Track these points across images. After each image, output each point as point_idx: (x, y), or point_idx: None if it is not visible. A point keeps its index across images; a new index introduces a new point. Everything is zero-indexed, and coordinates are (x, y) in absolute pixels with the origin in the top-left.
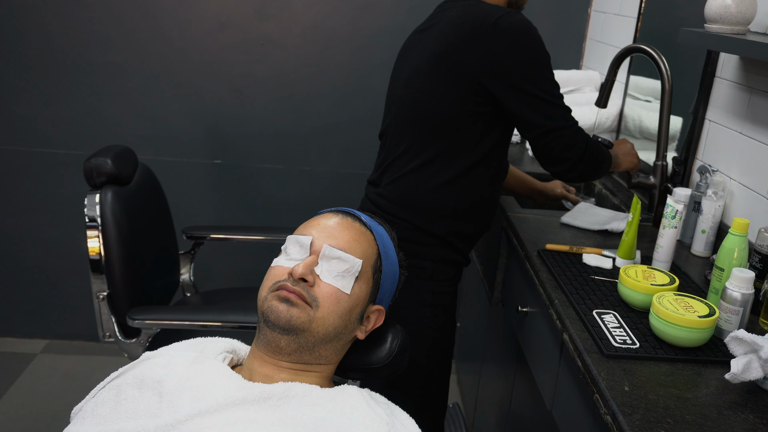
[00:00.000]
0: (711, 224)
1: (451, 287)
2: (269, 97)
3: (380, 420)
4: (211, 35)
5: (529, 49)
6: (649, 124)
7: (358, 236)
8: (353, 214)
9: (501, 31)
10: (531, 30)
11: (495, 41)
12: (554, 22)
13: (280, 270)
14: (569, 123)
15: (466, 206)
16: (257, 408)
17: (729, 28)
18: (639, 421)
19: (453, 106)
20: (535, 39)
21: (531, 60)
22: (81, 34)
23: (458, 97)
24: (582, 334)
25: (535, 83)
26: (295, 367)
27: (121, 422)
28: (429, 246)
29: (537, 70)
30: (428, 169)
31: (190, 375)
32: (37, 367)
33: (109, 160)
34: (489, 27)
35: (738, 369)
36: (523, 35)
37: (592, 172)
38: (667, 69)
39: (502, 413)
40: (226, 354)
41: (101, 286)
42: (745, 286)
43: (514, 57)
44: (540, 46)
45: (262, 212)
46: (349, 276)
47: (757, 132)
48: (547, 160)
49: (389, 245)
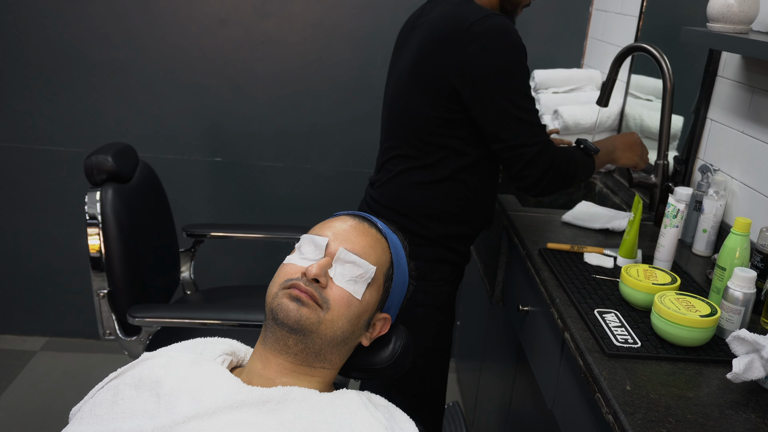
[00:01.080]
0: (712, 223)
1: (446, 286)
2: (270, 95)
3: (378, 424)
4: (212, 33)
5: (500, 58)
6: (651, 123)
7: (373, 243)
8: (370, 219)
9: (473, 37)
10: (507, 37)
11: (466, 47)
12: (555, 21)
13: (293, 268)
14: (534, 141)
15: (455, 209)
16: (255, 411)
17: (731, 27)
18: (641, 421)
19: (428, 111)
20: (510, 47)
21: (502, 69)
22: (82, 31)
23: (432, 103)
24: (583, 333)
25: (504, 94)
26: (299, 370)
27: (118, 422)
28: (419, 246)
29: (507, 81)
30: (414, 173)
31: (188, 376)
32: (37, 365)
33: (109, 157)
34: (462, 32)
35: (740, 368)
36: (496, 42)
37: (558, 187)
38: (668, 68)
39: (502, 412)
40: (226, 356)
41: (102, 283)
42: (746, 286)
43: (483, 65)
44: (514, 55)
45: (263, 210)
46: (362, 281)
47: (758, 131)
48: (508, 174)
49: (402, 254)
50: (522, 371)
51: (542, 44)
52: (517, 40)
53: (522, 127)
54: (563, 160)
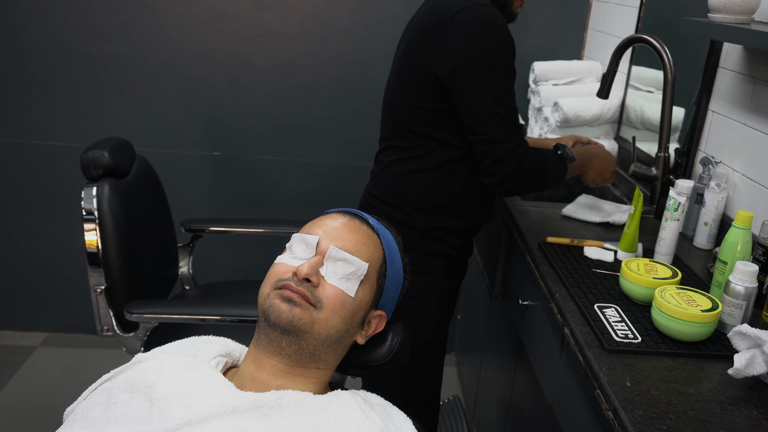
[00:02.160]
0: (714, 216)
1: (438, 279)
2: (268, 89)
3: (374, 426)
4: (209, 26)
5: (482, 48)
6: (651, 115)
7: (365, 239)
8: (361, 216)
9: (456, 27)
10: (491, 27)
11: (449, 37)
12: (556, 12)
13: (284, 268)
14: (508, 140)
15: (446, 201)
16: (249, 417)
17: (733, 18)
18: (641, 417)
19: (416, 102)
20: (493, 38)
21: (483, 60)
22: (78, 26)
23: (418, 94)
24: (583, 328)
25: (483, 86)
26: (293, 371)
27: (111, 427)
28: (409, 238)
29: (487, 73)
30: (403, 165)
31: (181, 381)
32: (36, 360)
33: (105, 152)
34: (446, 21)
35: (741, 364)
36: (479, 32)
37: (526, 189)
38: (669, 59)
39: (502, 406)
40: (220, 358)
41: (99, 279)
42: (748, 280)
43: (464, 54)
44: (497, 48)
45: (262, 204)
46: (355, 279)
47: (760, 123)
48: (477, 168)
49: (395, 250)
50: (523, 365)
51: (542, 36)
52: (502, 31)
53: (497, 123)
54: (535, 162)
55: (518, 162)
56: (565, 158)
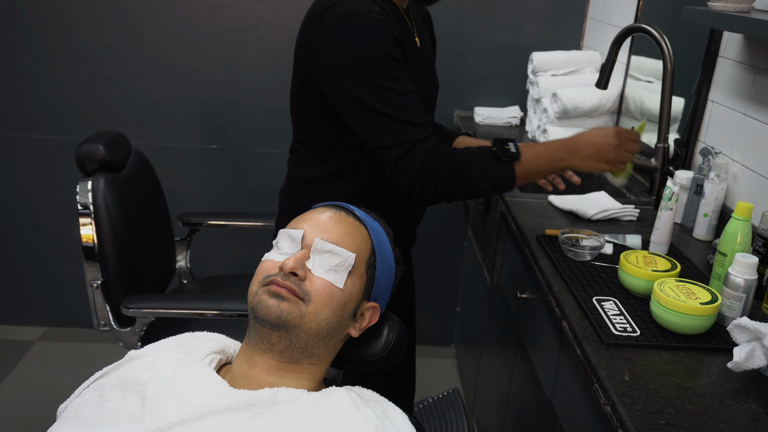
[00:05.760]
0: (713, 207)
1: None
2: (265, 81)
3: (369, 423)
4: (206, 18)
5: (351, 46)
6: (651, 105)
7: (351, 230)
8: (347, 208)
9: (326, 25)
10: (359, 23)
11: (320, 36)
12: (554, 2)
13: (271, 264)
14: (398, 141)
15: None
16: (242, 415)
17: (733, 6)
18: (639, 412)
19: (299, 106)
20: (362, 34)
21: (355, 59)
22: (73, 17)
23: (301, 98)
24: (581, 321)
25: (359, 86)
26: (285, 368)
27: (104, 426)
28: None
29: (361, 71)
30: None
31: (174, 379)
32: (35, 355)
33: (101, 146)
34: (317, 19)
35: (741, 357)
36: (348, 29)
37: (449, 195)
38: (669, 49)
39: (502, 399)
40: (214, 355)
41: (95, 274)
42: (748, 272)
43: (333, 54)
44: (368, 43)
45: (259, 198)
46: (342, 270)
47: (761, 113)
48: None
49: (384, 241)
50: (522, 358)
51: (541, 26)
52: (372, 25)
53: (383, 125)
54: (450, 165)
55: (418, 165)
56: (505, 154)
